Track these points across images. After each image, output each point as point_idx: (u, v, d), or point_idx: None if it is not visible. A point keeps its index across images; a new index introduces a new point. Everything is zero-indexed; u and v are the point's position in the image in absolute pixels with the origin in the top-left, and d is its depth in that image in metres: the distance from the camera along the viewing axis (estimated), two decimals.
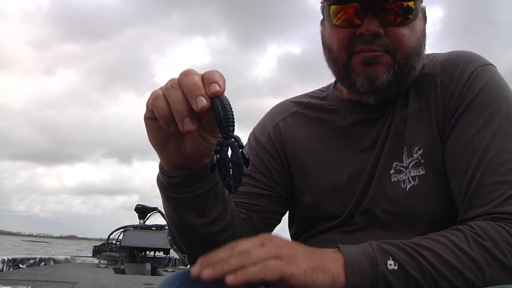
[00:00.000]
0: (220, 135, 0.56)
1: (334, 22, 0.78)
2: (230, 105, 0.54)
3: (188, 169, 0.66)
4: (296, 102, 0.94)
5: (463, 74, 0.77)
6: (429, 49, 0.83)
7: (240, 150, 0.55)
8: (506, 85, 0.78)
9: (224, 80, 0.56)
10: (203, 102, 0.53)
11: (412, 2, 0.76)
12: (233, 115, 0.55)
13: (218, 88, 0.54)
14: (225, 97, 0.55)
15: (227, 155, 0.55)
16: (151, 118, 0.60)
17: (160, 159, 0.67)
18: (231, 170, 0.55)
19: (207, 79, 0.55)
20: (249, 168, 0.88)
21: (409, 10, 0.76)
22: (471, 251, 0.63)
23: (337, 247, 0.62)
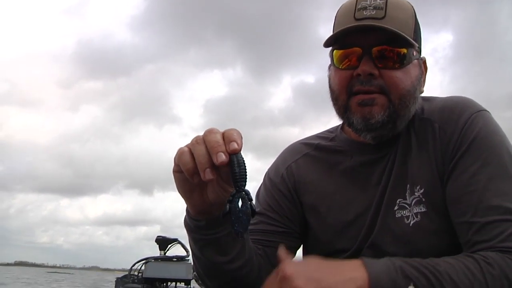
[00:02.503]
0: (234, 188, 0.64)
1: (336, 65, 0.87)
2: (245, 163, 0.63)
3: (211, 214, 0.74)
4: (306, 144, 1.02)
5: (460, 120, 0.84)
6: (440, 73, 0.91)
7: (249, 202, 0.63)
8: (499, 129, 0.85)
9: (242, 138, 0.64)
10: (223, 157, 0.62)
11: (405, 49, 0.84)
12: (246, 171, 0.63)
13: (236, 146, 0.63)
14: (241, 155, 0.63)
15: (238, 205, 0.63)
16: (178, 171, 0.69)
17: (187, 205, 0.76)
18: (240, 218, 0.63)
19: (227, 137, 0.64)
20: (264, 208, 0.96)
21: (403, 56, 0.84)
22: (483, 279, 0.69)
23: (361, 260, 0.70)
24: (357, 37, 0.83)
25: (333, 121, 1.06)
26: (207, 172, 0.63)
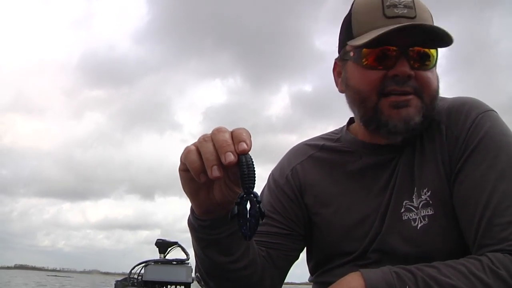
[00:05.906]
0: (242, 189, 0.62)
1: (365, 64, 0.83)
2: (254, 164, 0.60)
3: (216, 213, 0.73)
4: (311, 145, 1.00)
5: (467, 120, 0.83)
6: None
7: (258, 205, 0.61)
8: (507, 129, 0.83)
9: (251, 138, 0.62)
10: (231, 157, 0.60)
11: (434, 50, 0.83)
12: (255, 173, 0.60)
13: (245, 147, 0.60)
14: (250, 156, 0.61)
15: (246, 207, 0.61)
16: (184, 170, 0.67)
17: (192, 205, 0.74)
18: (248, 221, 0.61)
19: (236, 137, 0.61)
20: (268, 210, 0.94)
21: (432, 57, 0.83)
22: (487, 278, 0.67)
23: (358, 271, 0.71)
24: (392, 36, 0.79)
25: (330, 128, 1.00)
26: (214, 170, 0.61)
